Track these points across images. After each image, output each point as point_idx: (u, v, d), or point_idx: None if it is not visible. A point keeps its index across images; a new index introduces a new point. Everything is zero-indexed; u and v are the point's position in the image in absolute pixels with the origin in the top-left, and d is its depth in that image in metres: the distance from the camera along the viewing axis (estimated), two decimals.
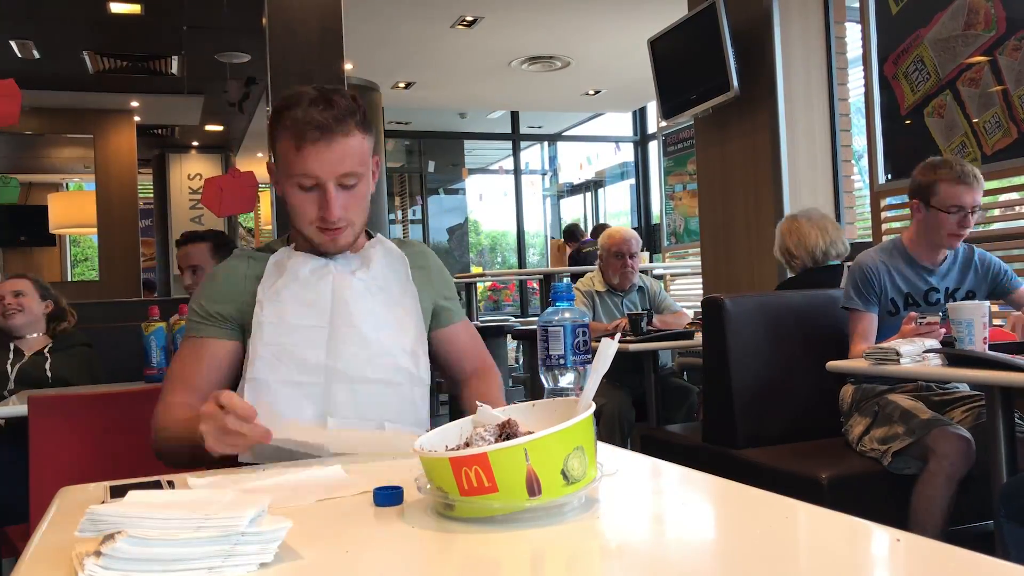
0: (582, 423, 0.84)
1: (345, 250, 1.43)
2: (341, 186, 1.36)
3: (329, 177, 1.34)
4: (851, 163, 4.10)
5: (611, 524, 0.85)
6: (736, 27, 4.05)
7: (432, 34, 6.40)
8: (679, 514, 0.89)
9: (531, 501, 0.81)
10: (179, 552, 0.67)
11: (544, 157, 11.43)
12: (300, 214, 1.38)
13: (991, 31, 3.04)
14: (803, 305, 2.85)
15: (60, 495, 1.03)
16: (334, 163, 1.34)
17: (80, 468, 1.91)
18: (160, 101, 7.59)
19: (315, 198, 1.36)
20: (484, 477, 0.80)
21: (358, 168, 1.37)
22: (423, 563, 0.77)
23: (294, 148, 1.33)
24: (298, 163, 1.33)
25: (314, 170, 1.33)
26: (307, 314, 1.36)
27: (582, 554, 0.77)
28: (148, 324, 2.68)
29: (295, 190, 1.37)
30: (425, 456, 0.86)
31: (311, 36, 3.52)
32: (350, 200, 1.38)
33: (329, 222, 1.36)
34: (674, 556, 0.75)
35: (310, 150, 1.32)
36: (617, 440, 3.42)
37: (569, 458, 0.82)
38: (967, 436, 2.19)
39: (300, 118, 1.32)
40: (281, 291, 1.37)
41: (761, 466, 2.52)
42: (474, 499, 0.81)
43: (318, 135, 1.32)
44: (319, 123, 1.32)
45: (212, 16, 5.29)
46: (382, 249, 1.48)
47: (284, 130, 1.35)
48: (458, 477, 0.81)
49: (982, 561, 0.64)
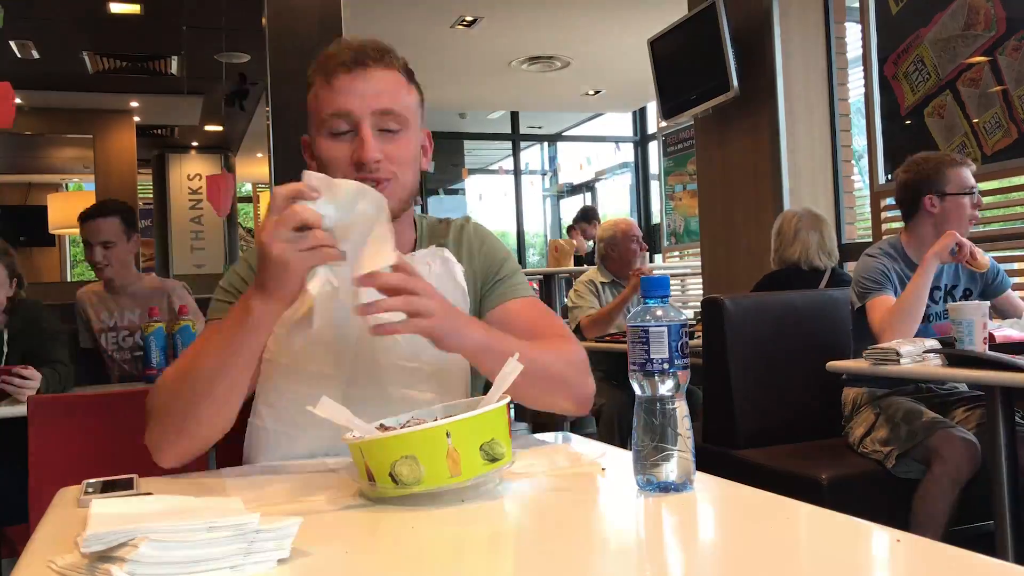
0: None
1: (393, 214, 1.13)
2: (381, 130, 1.16)
3: (364, 111, 1.14)
4: (851, 163, 4.09)
5: (611, 524, 0.85)
6: (736, 27, 4.05)
7: (432, 34, 6.40)
8: (679, 515, 0.89)
9: (374, 491, 0.89)
10: (201, 553, 0.67)
11: (544, 157, 11.43)
12: (332, 167, 1.14)
13: (991, 31, 3.04)
14: (803, 305, 2.86)
15: (60, 495, 1.03)
16: (371, 95, 1.14)
17: (80, 468, 1.90)
18: (160, 101, 7.60)
19: (349, 145, 1.15)
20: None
21: (400, 110, 1.17)
22: (424, 563, 0.77)
23: (325, 83, 1.16)
24: (328, 101, 1.15)
25: (348, 103, 1.14)
26: (324, 359, 1.16)
27: (581, 556, 0.76)
28: (148, 324, 2.68)
29: (326, 140, 1.16)
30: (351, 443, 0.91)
31: (311, 36, 3.51)
32: (392, 150, 1.16)
33: (366, 167, 1.13)
34: (674, 557, 0.74)
35: (343, 78, 1.14)
36: (616, 440, 3.41)
37: (396, 464, 0.87)
38: (972, 440, 2.18)
39: (333, 53, 1.17)
40: (302, 321, 1.12)
41: (761, 466, 2.52)
42: None
43: (351, 63, 1.14)
44: (354, 51, 1.16)
45: (212, 16, 5.29)
46: (439, 261, 1.25)
47: (316, 74, 1.18)
48: None
49: (982, 561, 0.64)
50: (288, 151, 3.46)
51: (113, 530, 0.66)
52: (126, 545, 0.66)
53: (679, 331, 0.88)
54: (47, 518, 0.93)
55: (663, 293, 0.89)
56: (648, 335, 0.88)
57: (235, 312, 1.04)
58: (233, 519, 0.70)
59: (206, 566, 0.67)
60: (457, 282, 1.25)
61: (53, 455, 1.91)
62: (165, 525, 0.68)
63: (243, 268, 1.27)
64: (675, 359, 0.88)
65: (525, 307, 1.28)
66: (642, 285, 0.90)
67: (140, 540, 0.65)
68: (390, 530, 0.85)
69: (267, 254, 0.96)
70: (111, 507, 0.76)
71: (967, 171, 2.42)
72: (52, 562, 0.71)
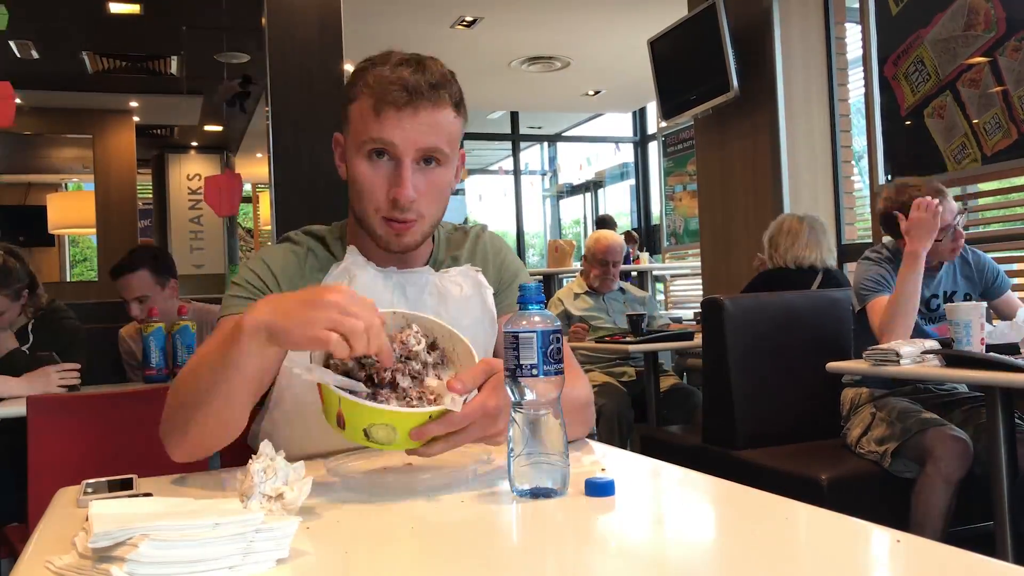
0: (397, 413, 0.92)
1: (411, 249, 1.21)
2: (420, 163, 1.16)
3: (408, 149, 1.13)
4: (851, 164, 4.10)
5: (611, 525, 0.85)
6: (736, 27, 4.05)
7: (432, 34, 6.40)
8: (679, 515, 0.89)
9: (338, 430, 0.93)
10: (200, 552, 0.67)
11: (544, 158, 11.43)
12: (367, 193, 1.16)
13: (991, 32, 3.04)
14: (803, 305, 2.86)
15: (59, 495, 1.03)
16: (417, 134, 1.13)
17: (79, 468, 1.90)
18: (159, 101, 7.59)
19: (387, 173, 1.15)
20: (320, 396, 0.95)
21: (444, 147, 1.16)
22: (425, 563, 0.77)
23: (372, 111, 1.13)
24: (374, 128, 1.13)
25: (392, 137, 1.12)
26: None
27: (584, 556, 0.76)
28: (147, 324, 2.67)
29: (364, 161, 1.15)
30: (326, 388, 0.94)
31: (311, 36, 3.51)
32: (428, 185, 1.17)
33: (399, 205, 1.14)
34: (674, 557, 0.74)
35: (391, 114, 1.12)
36: (616, 441, 3.42)
37: (374, 426, 0.91)
38: (964, 438, 2.19)
39: (386, 76, 1.13)
40: None
41: (761, 467, 2.52)
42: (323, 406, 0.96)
43: (405, 98, 1.11)
44: (408, 83, 1.12)
45: (212, 16, 5.29)
46: (471, 283, 1.26)
47: (364, 89, 1.14)
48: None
49: (982, 562, 0.64)
50: (288, 151, 3.46)
51: (122, 527, 0.67)
52: (125, 544, 0.66)
53: (548, 337, 0.88)
54: (46, 518, 0.92)
55: (538, 299, 0.91)
56: (519, 340, 0.88)
57: (228, 334, 0.96)
58: (238, 516, 0.70)
59: (205, 566, 0.67)
60: (487, 307, 1.27)
61: (52, 455, 1.91)
62: (170, 523, 0.68)
63: (257, 264, 1.23)
64: (542, 365, 0.88)
65: None
66: (520, 291, 0.91)
67: (139, 539, 0.65)
68: (390, 530, 0.85)
69: (317, 299, 0.89)
70: (111, 507, 0.76)
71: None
72: (49, 562, 0.71)
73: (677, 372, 4.10)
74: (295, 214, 3.40)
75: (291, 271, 1.22)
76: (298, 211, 3.41)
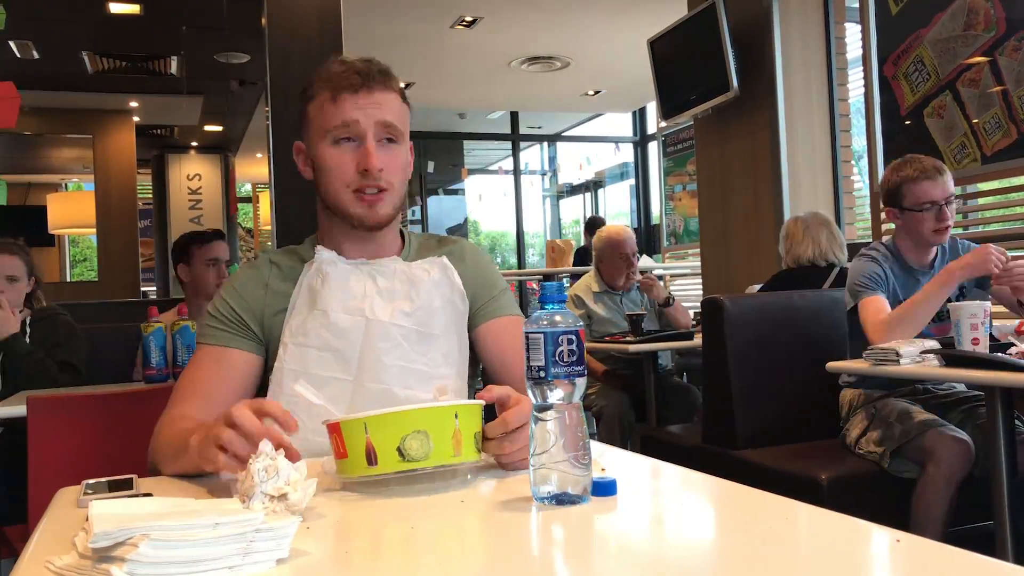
0: (421, 411, 0.92)
1: (385, 223, 1.30)
2: (380, 141, 1.26)
3: (369, 124, 1.24)
4: (851, 163, 4.10)
5: (610, 525, 0.84)
6: (736, 27, 4.05)
7: (432, 34, 6.40)
8: (679, 515, 0.89)
9: (369, 470, 0.91)
10: (200, 552, 0.67)
11: (544, 157, 11.43)
12: (335, 171, 1.26)
13: (991, 32, 3.04)
14: (803, 305, 2.86)
15: (59, 495, 1.03)
16: (375, 109, 1.24)
17: (79, 468, 1.90)
18: (159, 101, 7.59)
19: (352, 153, 1.25)
20: (339, 444, 0.93)
21: (399, 124, 1.27)
22: (425, 563, 0.77)
23: (331, 99, 1.25)
24: (334, 114, 1.24)
25: (353, 116, 1.23)
26: (332, 365, 1.24)
27: (585, 556, 0.76)
28: (147, 325, 2.67)
29: (328, 147, 1.26)
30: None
31: (311, 36, 3.51)
32: (390, 159, 1.27)
33: (370, 175, 1.24)
34: (674, 557, 0.74)
35: (349, 98, 1.24)
36: (617, 441, 3.42)
37: (407, 439, 0.90)
38: (965, 439, 2.19)
39: (337, 70, 1.25)
40: (309, 332, 1.24)
41: (761, 467, 2.52)
42: (338, 462, 0.95)
43: (359, 81, 1.24)
44: (359, 69, 1.24)
45: (212, 16, 5.29)
46: (438, 267, 1.33)
47: (319, 85, 1.26)
48: (332, 442, 0.95)
49: (982, 562, 0.64)
50: (288, 151, 3.44)
51: (122, 527, 0.66)
52: (125, 544, 0.66)
53: (557, 339, 0.84)
54: (46, 518, 0.92)
55: (560, 298, 0.88)
56: (528, 342, 0.86)
57: (186, 441, 1.03)
58: (237, 516, 0.70)
59: (205, 566, 0.67)
60: (455, 285, 1.33)
61: (52, 455, 1.91)
62: (170, 523, 0.68)
63: (224, 290, 1.33)
64: (551, 367, 0.84)
65: (517, 324, 1.34)
66: (541, 289, 0.89)
67: (139, 539, 0.65)
68: (390, 530, 0.85)
69: (216, 434, 0.94)
70: (111, 507, 0.76)
71: (927, 184, 2.39)
72: (50, 562, 0.71)
73: (677, 372, 4.09)
74: (295, 214, 3.40)
75: (252, 285, 1.32)
76: (298, 211, 3.41)
